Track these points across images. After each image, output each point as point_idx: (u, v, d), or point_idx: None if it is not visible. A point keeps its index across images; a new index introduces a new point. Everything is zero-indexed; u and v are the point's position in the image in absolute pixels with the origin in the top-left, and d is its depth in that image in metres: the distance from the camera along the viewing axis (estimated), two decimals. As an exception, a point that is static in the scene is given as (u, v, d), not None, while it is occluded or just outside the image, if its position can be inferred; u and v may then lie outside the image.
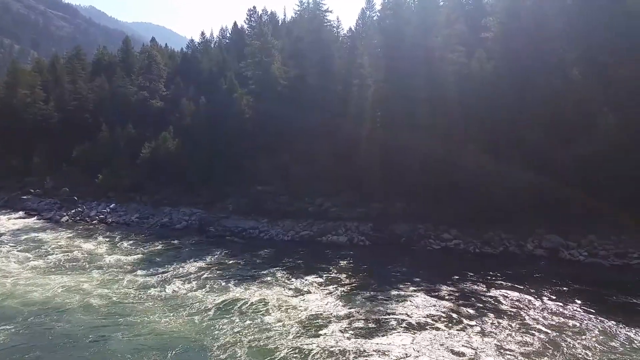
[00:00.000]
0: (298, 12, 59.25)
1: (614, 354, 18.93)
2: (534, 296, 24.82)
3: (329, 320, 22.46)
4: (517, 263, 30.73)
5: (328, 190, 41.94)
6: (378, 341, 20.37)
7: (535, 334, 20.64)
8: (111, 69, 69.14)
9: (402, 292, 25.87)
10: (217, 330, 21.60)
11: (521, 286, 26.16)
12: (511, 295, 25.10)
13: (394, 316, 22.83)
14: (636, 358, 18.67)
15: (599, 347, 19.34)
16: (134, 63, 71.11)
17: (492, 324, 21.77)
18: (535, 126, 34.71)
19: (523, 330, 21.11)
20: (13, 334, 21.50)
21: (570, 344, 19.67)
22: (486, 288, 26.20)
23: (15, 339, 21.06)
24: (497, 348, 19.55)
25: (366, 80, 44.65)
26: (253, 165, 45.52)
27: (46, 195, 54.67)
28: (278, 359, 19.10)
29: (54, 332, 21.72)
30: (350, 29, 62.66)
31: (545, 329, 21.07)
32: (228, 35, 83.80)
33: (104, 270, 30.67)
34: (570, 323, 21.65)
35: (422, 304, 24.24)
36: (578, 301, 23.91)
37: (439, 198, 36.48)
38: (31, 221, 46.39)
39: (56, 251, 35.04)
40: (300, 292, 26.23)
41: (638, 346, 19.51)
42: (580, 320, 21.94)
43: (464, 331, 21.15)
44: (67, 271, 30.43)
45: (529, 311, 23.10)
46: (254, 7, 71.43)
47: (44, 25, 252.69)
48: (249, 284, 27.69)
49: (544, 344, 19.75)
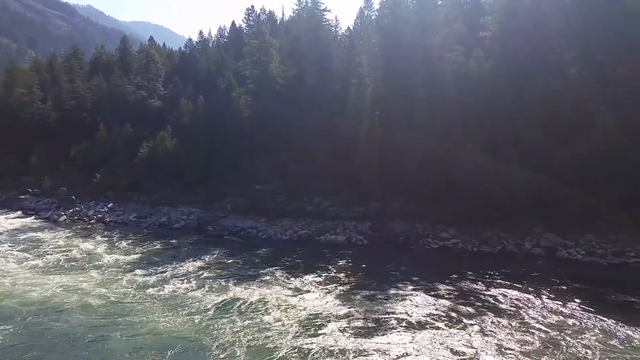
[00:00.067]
0: (296, 12, 59.11)
1: (613, 352, 18.96)
2: (532, 295, 24.87)
3: (328, 320, 22.46)
4: (515, 262, 30.80)
5: (326, 190, 41.93)
6: (377, 340, 20.37)
7: (535, 333, 20.68)
8: (109, 68, 69.12)
9: (401, 291, 25.90)
10: (216, 329, 21.58)
11: (519, 285, 26.22)
12: (510, 294, 25.16)
13: (393, 315, 22.84)
14: (635, 356, 18.69)
15: (598, 346, 19.36)
16: (132, 62, 71.06)
17: (491, 322, 21.79)
18: (534, 125, 34.75)
19: (522, 329, 21.14)
20: (12, 334, 21.45)
21: (569, 342, 19.70)
22: (484, 287, 26.25)
23: (14, 339, 21.00)
24: (497, 347, 19.57)
25: (364, 79, 44.66)
26: (251, 165, 45.48)
27: (44, 194, 54.61)
28: (277, 358, 19.08)
29: (52, 332, 21.67)
30: (348, 28, 62.40)
31: (544, 328, 21.11)
32: (226, 34, 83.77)
33: (103, 270, 30.64)
34: (569, 322, 21.70)
35: (421, 303, 24.26)
36: (576, 300, 23.95)
37: (437, 197, 36.52)
38: (29, 221, 46.31)
39: (54, 251, 34.98)
40: (299, 292, 26.23)
41: (637, 344, 19.55)
42: (579, 318, 21.99)
43: (463, 330, 21.17)
44: (66, 271, 30.40)
45: (527, 310, 23.14)
46: (252, 7, 71.33)
47: (42, 24, 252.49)
48: (247, 283, 27.69)
49: (543, 343, 19.78)
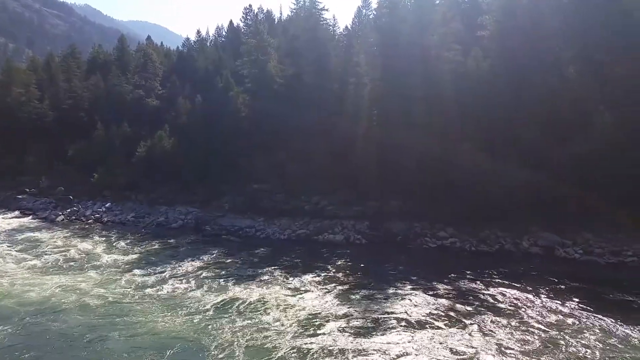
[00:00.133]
0: (294, 11, 58.97)
1: (612, 351, 19.01)
2: (530, 294, 24.91)
3: (327, 319, 22.46)
4: (513, 261, 30.87)
5: (324, 189, 41.90)
6: (376, 340, 20.39)
7: (533, 332, 20.71)
8: (106, 68, 68.84)
9: (399, 291, 25.92)
10: (215, 329, 21.56)
11: (517, 284, 26.27)
12: (508, 293, 25.20)
13: (391, 315, 22.86)
14: (634, 355, 18.74)
15: (597, 345, 19.41)
16: (129, 61, 70.77)
17: (490, 322, 21.82)
18: (532, 124, 34.82)
19: (521, 328, 21.17)
20: (10, 334, 21.39)
21: (568, 341, 19.74)
22: (483, 286, 26.30)
23: (12, 339, 20.95)
24: (496, 346, 19.60)
25: (362, 78, 44.67)
26: (249, 164, 45.42)
27: (41, 194, 54.34)
28: (276, 358, 19.08)
29: (50, 332, 21.62)
30: (346, 27, 62.54)
31: (543, 327, 21.15)
32: (224, 33, 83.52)
33: (101, 270, 30.56)
34: (568, 321, 21.74)
35: (420, 302, 24.27)
36: (574, 299, 24.00)
37: (435, 196, 36.54)
38: (26, 220, 46.13)
39: (52, 251, 34.86)
40: (297, 291, 26.23)
41: (635, 343, 19.61)
42: (577, 317, 22.03)
43: (462, 329, 21.19)
44: (64, 271, 30.32)
45: (526, 309, 23.18)
46: (250, 6, 71.23)
47: (39, 23, 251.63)
48: (246, 283, 27.67)
49: (542, 342, 19.82)
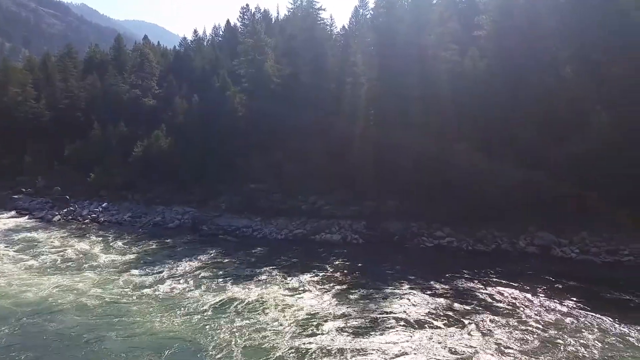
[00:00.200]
0: (291, 10, 59.08)
1: (610, 350, 19.05)
2: (528, 293, 24.94)
3: (325, 319, 22.44)
4: (510, 260, 30.92)
5: (321, 189, 41.88)
6: (374, 339, 20.38)
7: (531, 331, 20.73)
8: (103, 67, 68.73)
9: (397, 290, 25.93)
10: (213, 329, 21.52)
11: (515, 283, 26.29)
12: (505, 292, 25.22)
13: (389, 314, 22.86)
14: (632, 354, 18.79)
15: (595, 344, 19.45)
16: (126, 61, 70.73)
17: (488, 321, 21.84)
18: (529, 124, 34.88)
19: (518, 327, 21.18)
20: (6, 335, 21.33)
21: (566, 340, 19.77)
22: (480, 285, 26.33)
23: (9, 340, 20.88)
24: (493, 345, 19.61)
25: (359, 78, 44.66)
26: (246, 164, 45.36)
27: (38, 194, 54.28)
28: (274, 358, 19.06)
29: (48, 333, 21.57)
30: (343, 27, 62.51)
31: (540, 326, 21.17)
32: (221, 33, 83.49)
33: (98, 269, 30.50)
34: (565, 320, 21.77)
35: (417, 301, 24.28)
36: (571, 298, 24.03)
37: (432, 196, 36.56)
38: (23, 220, 46.02)
39: (49, 251, 34.78)
40: (295, 291, 26.21)
41: (633, 342, 19.65)
42: (574, 317, 22.06)
43: (460, 329, 21.20)
44: (61, 271, 30.24)
45: (523, 308, 23.20)
46: (247, 5, 71.15)
47: (35, 22, 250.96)
48: (243, 283, 27.64)
49: (540, 341, 19.84)
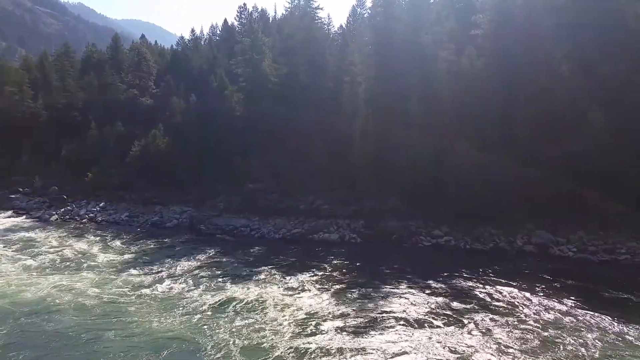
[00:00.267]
0: (289, 10, 59.00)
1: (609, 349, 19.14)
2: (526, 292, 25.03)
3: (323, 318, 22.48)
4: (507, 259, 31.02)
5: (319, 188, 41.90)
6: (373, 338, 20.43)
7: (529, 330, 20.82)
8: (100, 67, 68.58)
9: (395, 289, 25.99)
10: (211, 329, 21.53)
11: (513, 282, 26.38)
12: (503, 291, 25.31)
13: (387, 313, 22.91)
14: (630, 353, 18.87)
15: (594, 343, 19.55)
16: (123, 60, 70.62)
17: (486, 319, 21.91)
18: (526, 123, 34.95)
19: (517, 325, 21.27)
20: (5, 335, 21.29)
21: (565, 339, 19.88)
22: (478, 284, 26.40)
23: (7, 340, 20.85)
24: (492, 344, 19.69)
25: (357, 77, 44.72)
26: (244, 163, 45.38)
27: (35, 194, 54.12)
28: (273, 358, 19.08)
29: (46, 333, 21.53)
30: (341, 26, 62.52)
31: (538, 325, 21.26)
32: (218, 32, 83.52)
33: (96, 269, 30.45)
34: (564, 318, 21.86)
35: (416, 300, 24.35)
36: (570, 297, 24.14)
37: (429, 195, 36.55)
38: (20, 220, 45.90)
39: (47, 250, 34.68)
40: (293, 291, 26.22)
41: (631, 340, 19.75)
42: (573, 315, 22.16)
43: (459, 327, 21.27)
44: (59, 271, 30.17)
45: (521, 307, 23.29)
46: (245, 4, 70.95)
47: (32, 22, 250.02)
48: (242, 282, 27.64)
49: (539, 339, 19.92)
